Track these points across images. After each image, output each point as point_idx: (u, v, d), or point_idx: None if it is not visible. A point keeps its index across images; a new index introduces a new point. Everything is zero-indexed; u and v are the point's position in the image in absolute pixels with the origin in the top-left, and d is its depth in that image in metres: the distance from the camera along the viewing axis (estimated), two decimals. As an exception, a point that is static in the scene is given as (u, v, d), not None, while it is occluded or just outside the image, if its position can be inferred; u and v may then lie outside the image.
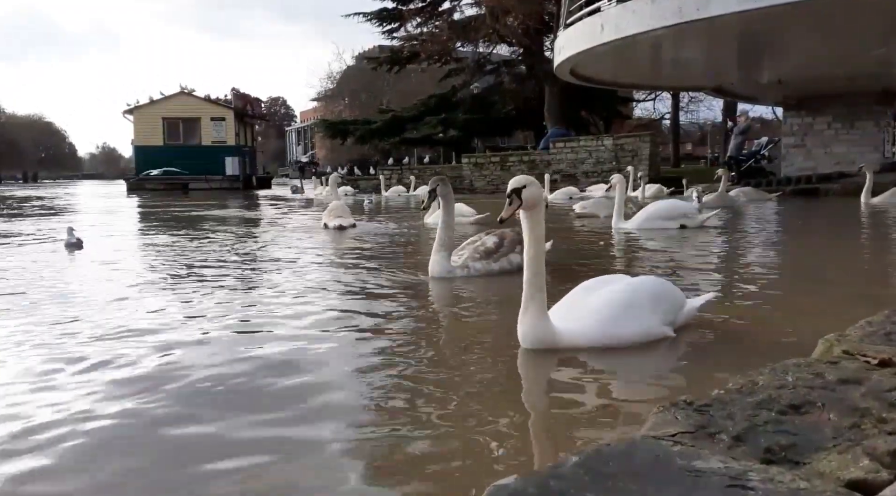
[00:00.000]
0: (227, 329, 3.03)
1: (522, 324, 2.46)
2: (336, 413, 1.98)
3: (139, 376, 2.33)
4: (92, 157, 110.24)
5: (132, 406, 2.05)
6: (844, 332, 1.75)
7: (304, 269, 4.97)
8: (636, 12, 12.10)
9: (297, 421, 1.93)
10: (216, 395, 2.15)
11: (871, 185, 10.47)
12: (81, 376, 2.35)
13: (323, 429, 1.85)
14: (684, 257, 5.54)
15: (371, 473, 1.60)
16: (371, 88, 44.20)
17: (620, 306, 2.51)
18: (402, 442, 1.77)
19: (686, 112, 39.86)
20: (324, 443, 1.75)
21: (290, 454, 1.71)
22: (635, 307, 2.53)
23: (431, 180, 4.46)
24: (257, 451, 1.71)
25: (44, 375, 2.36)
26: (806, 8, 10.05)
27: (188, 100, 33.25)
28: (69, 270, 5.21)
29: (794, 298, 3.71)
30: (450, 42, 27.27)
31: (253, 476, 1.58)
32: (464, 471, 1.60)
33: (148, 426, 1.92)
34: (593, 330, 2.46)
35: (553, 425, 1.95)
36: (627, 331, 2.49)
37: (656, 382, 2.27)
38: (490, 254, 4.34)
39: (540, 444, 1.81)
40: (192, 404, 2.07)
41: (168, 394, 2.14)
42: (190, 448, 1.77)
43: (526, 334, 2.46)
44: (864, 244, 6.71)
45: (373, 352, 2.65)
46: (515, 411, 2.00)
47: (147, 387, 2.21)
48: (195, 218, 11.92)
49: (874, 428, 1.13)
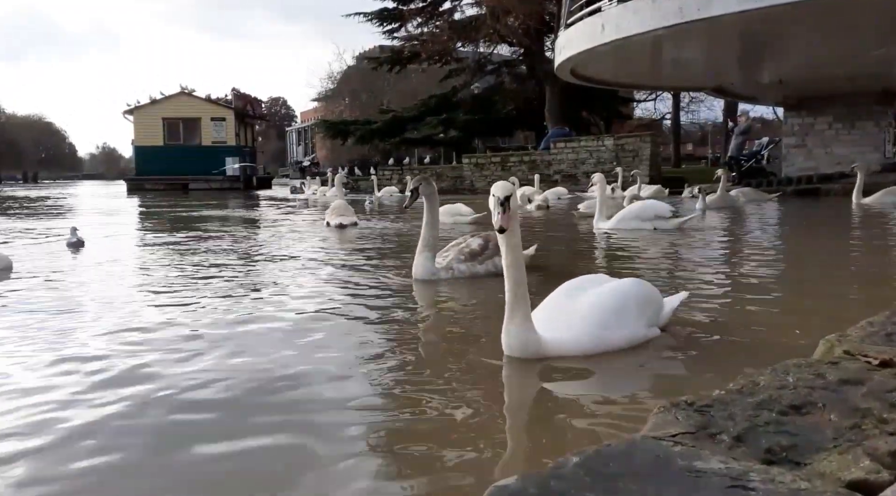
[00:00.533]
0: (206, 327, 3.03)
1: (508, 333, 2.38)
2: (325, 420, 1.94)
3: (122, 378, 2.34)
4: (92, 157, 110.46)
5: (129, 405, 2.05)
6: (845, 333, 1.75)
7: (295, 270, 4.97)
8: (637, 12, 12.10)
9: (285, 426, 1.92)
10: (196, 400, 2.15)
11: (863, 185, 10.72)
12: (82, 375, 2.35)
13: (316, 436, 1.85)
14: (658, 256, 5.62)
15: (370, 476, 1.60)
16: (371, 88, 44.24)
17: (609, 312, 2.46)
18: (401, 444, 1.77)
19: (687, 112, 39.91)
20: (318, 450, 1.74)
21: (282, 458, 1.71)
22: (623, 312, 2.50)
23: (413, 179, 4.28)
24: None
25: (46, 371, 2.38)
26: (806, 8, 10.06)
27: (188, 100, 33.23)
28: (70, 269, 5.24)
29: (766, 300, 3.67)
30: (450, 42, 27.30)
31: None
32: (464, 471, 1.60)
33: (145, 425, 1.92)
34: (583, 338, 2.40)
35: (548, 429, 1.94)
36: (617, 337, 2.45)
37: (656, 383, 2.26)
38: (475, 256, 4.27)
39: (537, 448, 1.80)
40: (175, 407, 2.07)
41: (155, 401, 2.14)
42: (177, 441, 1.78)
43: (512, 344, 2.38)
44: (850, 243, 6.71)
45: (357, 359, 2.55)
46: (510, 413, 1.99)
47: (132, 392, 2.21)
48: (196, 218, 11.93)
49: (875, 428, 1.13)
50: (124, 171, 52.17)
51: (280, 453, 1.72)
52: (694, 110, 40.70)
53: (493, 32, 25.78)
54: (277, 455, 1.71)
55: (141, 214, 14.31)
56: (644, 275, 4.10)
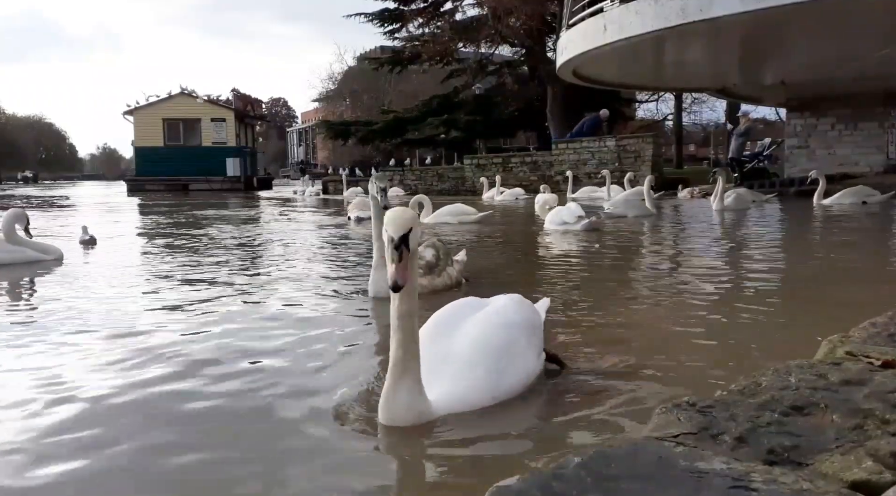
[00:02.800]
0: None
1: (392, 401, 1.80)
2: (320, 423, 1.91)
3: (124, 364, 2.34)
4: (93, 157, 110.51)
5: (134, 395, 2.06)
6: (848, 334, 1.75)
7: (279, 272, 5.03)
8: (639, 13, 12.08)
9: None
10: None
11: (824, 188, 11.44)
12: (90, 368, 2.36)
13: (310, 439, 1.84)
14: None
15: (369, 478, 1.59)
16: (373, 89, 44.24)
17: (499, 352, 2.01)
18: (400, 443, 1.76)
19: (689, 113, 39.83)
20: (316, 451, 1.74)
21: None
22: (514, 347, 2.07)
23: (376, 177, 3.63)
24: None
25: (51, 370, 2.42)
26: (809, 9, 10.03)
27: (188, 101, 33.24)
28: (83, 266, 5.59)
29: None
30: (452, 43, 27.23)
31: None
32: (464, 472, 1.60)
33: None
34: (475, 392, 1.93)
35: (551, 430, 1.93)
36: (514, 381, 2.01)
37: (655, 384, 2.25)
38: (432, 268, 3.84)
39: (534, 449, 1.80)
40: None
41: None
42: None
43: (396, 413, 1.80)
44: (783, 241, 7.02)
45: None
46: (508, 416, 1.99)
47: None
48: (200, 217, 11.96)
49: (877, 429, 1.13)
50: (124, 171, 52.16)
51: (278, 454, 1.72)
52: (696, 111, 40.71)
53: (495, 33, 25.73)
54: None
55: (146, 215, 14.33)
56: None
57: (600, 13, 13.50)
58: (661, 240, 7.43)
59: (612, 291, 4.05)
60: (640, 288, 4.20)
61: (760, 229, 8.21)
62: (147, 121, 32.45)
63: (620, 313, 3.32)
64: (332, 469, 1.61)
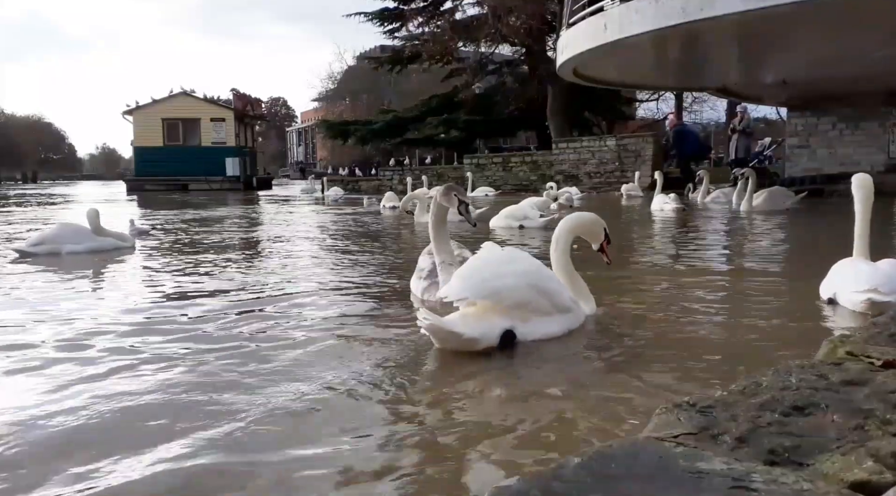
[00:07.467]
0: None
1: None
2: (323, 422, 1.93)
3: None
4: (92, 157, 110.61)
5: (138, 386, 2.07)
6: (848, 334, 1.74)
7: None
8: (639, 12, 12.07)
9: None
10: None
11: (754, 189, 10.67)
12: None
13: (313, 439, 1.84)
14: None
15: (369, 479, 1.59)
16: (372, 89, 44.29)
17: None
18: (398, 447, 1.76)
19: (690, 112, 39.78)
20: (317, 453, 1.73)
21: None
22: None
23: (449, 187, 3.40)
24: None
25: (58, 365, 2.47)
26: (810, 8, 10.02)
27: (188, 100, 33.24)
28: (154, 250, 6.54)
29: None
30: (452, 42, 27.22)
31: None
32: (463, 472, 1.59)
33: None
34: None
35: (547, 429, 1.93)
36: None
37: (653, 385, 2.24)
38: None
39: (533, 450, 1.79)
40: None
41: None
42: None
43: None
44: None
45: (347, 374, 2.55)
46: (506, 416, 1.99)
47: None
48: (205, 216, 12.02)
49: (878, 429, 1.13)
50: (124, 171, 52.17)
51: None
52: (697, 111, 40.67)
53: (495, 32, 25.72)
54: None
55: (152, 215, 14.36)
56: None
57: (601, 12, 13.48)
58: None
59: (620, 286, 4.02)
60: (639, 284, 4.19)
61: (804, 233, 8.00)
62: (146, 121, 32.46)
63: (620, 312, 3.32)
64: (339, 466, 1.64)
